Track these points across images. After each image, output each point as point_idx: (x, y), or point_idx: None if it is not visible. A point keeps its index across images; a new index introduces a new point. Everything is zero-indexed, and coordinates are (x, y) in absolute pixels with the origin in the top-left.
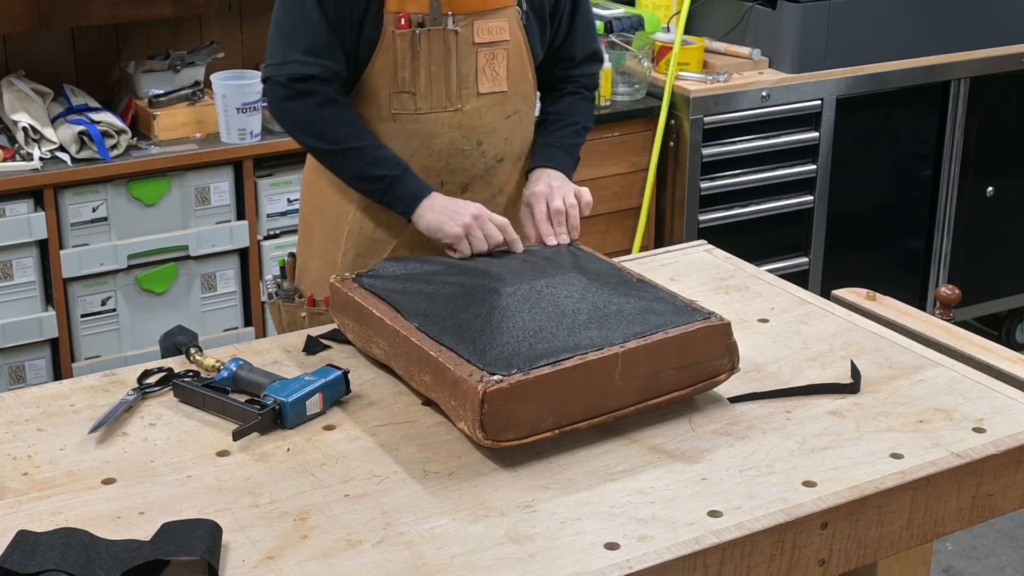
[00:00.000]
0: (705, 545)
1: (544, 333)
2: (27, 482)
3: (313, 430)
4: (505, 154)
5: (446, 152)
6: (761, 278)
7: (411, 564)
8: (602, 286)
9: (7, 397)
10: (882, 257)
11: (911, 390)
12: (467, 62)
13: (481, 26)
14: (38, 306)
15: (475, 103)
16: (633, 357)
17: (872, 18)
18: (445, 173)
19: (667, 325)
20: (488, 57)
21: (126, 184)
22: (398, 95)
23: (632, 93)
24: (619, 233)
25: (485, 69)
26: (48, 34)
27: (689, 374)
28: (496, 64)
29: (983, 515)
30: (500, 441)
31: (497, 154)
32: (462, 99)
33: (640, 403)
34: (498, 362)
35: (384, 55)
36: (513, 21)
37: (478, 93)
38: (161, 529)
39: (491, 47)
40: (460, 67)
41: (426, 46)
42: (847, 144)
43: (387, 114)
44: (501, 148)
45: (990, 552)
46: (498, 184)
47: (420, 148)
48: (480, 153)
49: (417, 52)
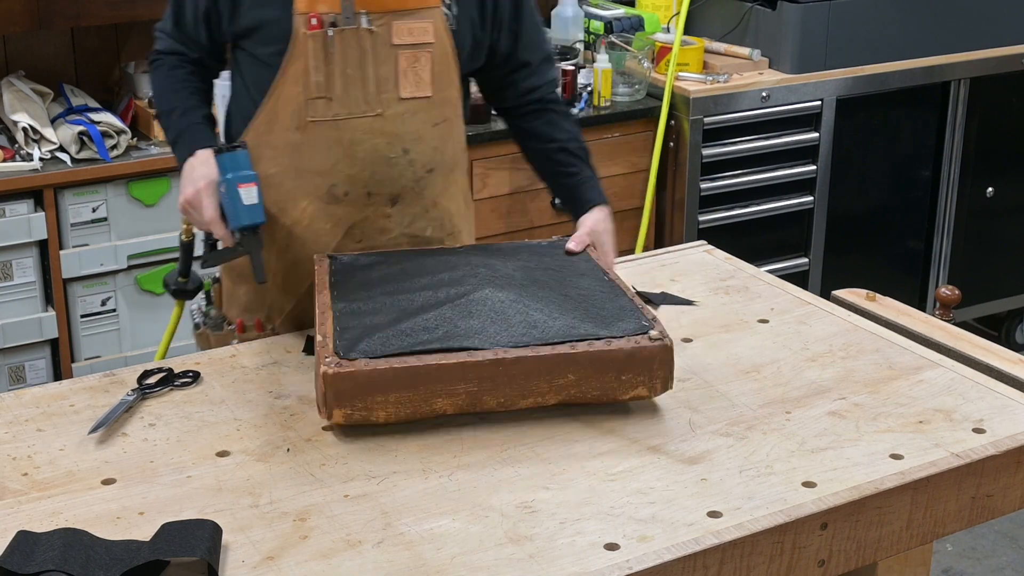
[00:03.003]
0: (705, 546)
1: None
2: (27, 482)
3: (313, 430)
4: (435, 164)
5: (370, 161)
6: (761, 279)
7: (411, 564)
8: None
9: (7, 397)
10: (882, 258)
11: (911, 391)
12: (385, 64)
13: (400, 27)
14: (38, 306)
15: (397, 108)
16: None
17: (872, 18)
18: (372, 184)
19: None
20: (410, 60)
21: (126, 184)
22: (313, 101)
23: (632, 94)
24: (620, 234)
25: (407, 72)
26: (48, 34)
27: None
28: (419, 68)
29: (983, 516)
30: None
31: (426, 164)
32: (382, 103)
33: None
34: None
35: (296, 59)
36: (439, 24)
37: (399, 97)
38: (161, 529)
39: (413, 49)
40: (378, 69)
41: (340, 47)
42: (847, 144)
43: (303, 123)
44: (430, 157)
45: (990, 553)
46: (431, 197)
47: (342, 158)
48: (408, 162)
49: (331, 54)
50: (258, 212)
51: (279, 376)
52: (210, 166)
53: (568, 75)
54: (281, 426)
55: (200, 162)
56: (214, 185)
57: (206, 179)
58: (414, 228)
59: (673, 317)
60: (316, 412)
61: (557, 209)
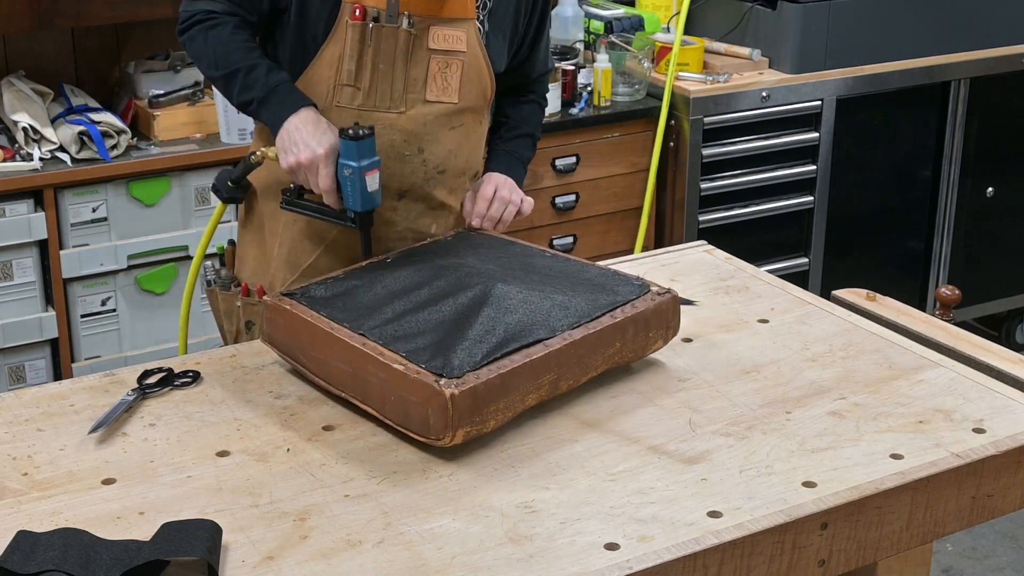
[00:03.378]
0: (705, 546)
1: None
2: (27, 482)
3: (313, 430)
4: (448, 166)
5: (384, 155)
6: (761, 278)
7: (411, 564)
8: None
9: (7, 397)
10: (882, 258)
11: (911, 390)
12: (418, 66)
13: (437, 32)
14: (38, 306)
15: (420, 109)
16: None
17: (872, 18)
18: (382, 177)
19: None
20: (441, 65)
21: (126, 184)
22: (341, 87)
23: (632, 93)
24: (620, 234)
25: (436, 77)
26: (48, 34)
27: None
28: (449, 74)
29: (983, 516)
30: None
31: (439, 164)
32: (407, 103)
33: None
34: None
35: (334, 44)
36: (472, 35)
37: (424, 100)
38: (161, 529)
39: (445, 56)
40: (410, 70)
41: (376, 42)
42: (847, 144)
43: (329, 105)
44: (443, 159)
45: (990, 553)
46: (438, 197)
47: None
48: (421, 161)
49: (367, 47)
50: (378, 197)
51: (279, 376)
52: (324, 132)
53: (568, 75)
54: (281, 426)
55: (311, 125)
56: (334, 154)
57: (325, 147)
58: (419, 224)
59: None
60: (316, 412)
61: (557, 209)
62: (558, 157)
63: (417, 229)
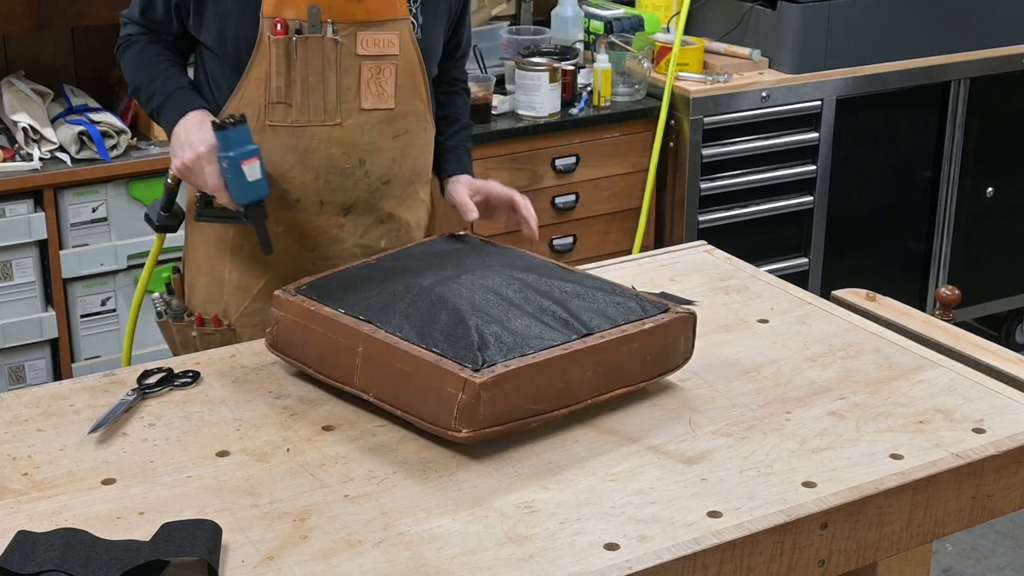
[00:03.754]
0: (705, 546)
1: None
2: (27, 482)
3: (313, 430)
4: (392, 176)
5: (325, 170)
6: (761, 279)
7: (411, 564)
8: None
9: (7, 397)
10: (882, 258)
11: (911, 390)
12: (349, 75)
13: (365, 37)
14: (38, 306)
15: (357, 119)
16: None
17: (872, 18)
18: (324, 192)
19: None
20: (373, 71)
21: (126, 184)
22: (272, 106)
23: (632, 94)
24: (619, 234)
25: (370, 84)
26: (48, 34)
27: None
28: (383, 79)
29: (983, 516)
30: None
31: (383, 175)
32: (342, 114)
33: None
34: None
35: (259, 62)
36: (405, 35)
37: (360, 108)
38: (161, 529)
39: (377, 60)
40: (341, 80)
41: (303, 55)
42: (847, 144)
43: (262, 126)
44: (387, 169)
45: (990, 553)
46: (386, 208)
47: (296, 164)
48: (363, 173)
49: (293, 61)
50: (262, 186)
51: (279, 376)
52: (206, 130)
53: (568, 75)
54: (281, 426)
55: (194, 125)
56: (214, 152)
57: (206, 144)
58: (368, 239)
59: None
60: (315, 412)
61: (557, 209)
62: (558, 157)
63: (367, 244)
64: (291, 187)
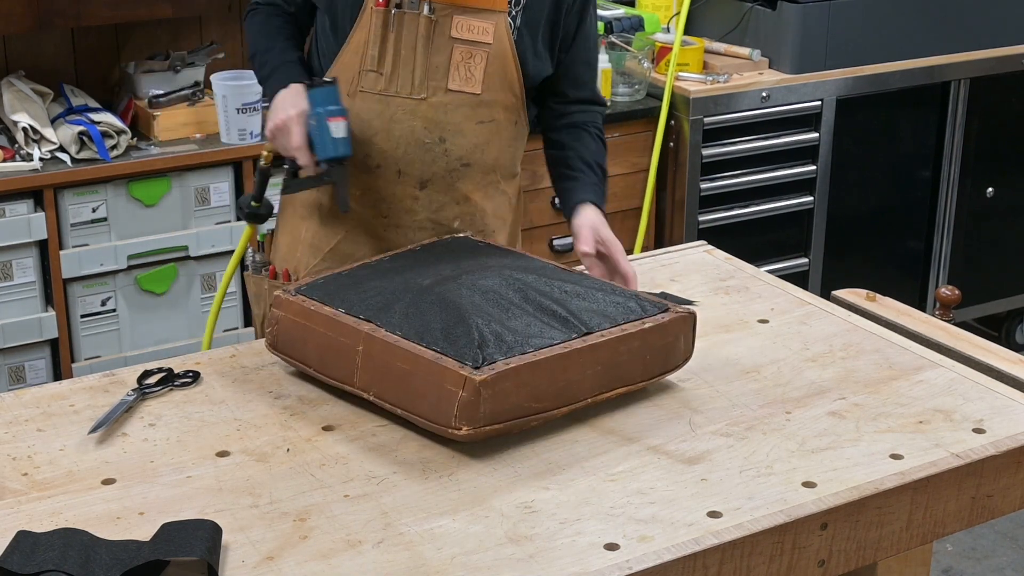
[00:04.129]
0: (705, 546)
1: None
2: (27, 482)
3: (313, 430)
4: (473, 160)
5: (405, 141)
6: (761, 279)
7: (411, 564)
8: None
9: (7, 397)
10: (882, 258)
11: (911, 391)
12: (440, 54)
13: (461, 21)
14: (38, 306)
15: (442, 97)
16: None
17: (872, 18)
18: (404, 163)
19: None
20: (464, 55)
21: (126, 184)
22: (366, 73)
23: (632, 94)
24: (620, 234)
25: (459, 66)
26: (48, 34)
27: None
28: (472, 64)
29: (983, 516)
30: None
31: (462, 157)
32: (428, 90)
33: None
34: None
35: (360, 30)
36: (501, 28)
37: (447, 88)
38: (161, 529)
39: (469, 45)
40: (432, 57)
41: (398, 28)
42: (847, 145)
43: (354, 90)
44: (468, 152)
45: (990, 553)
46: (463, 191)
47: (380, 131)
48: (443, 151)
49: (388, 33)
50: (346, 145)
51: (279, 376)
52: (302, 98)
53: None
54: (281, 426)
55: (292, 93)
56: (305, 115)
57: (297, 108)
58: (441, 216)
59: None
60: (316, 412)
61: (557, 209)
62: None
63: (439, 221)
64: (372, 152)
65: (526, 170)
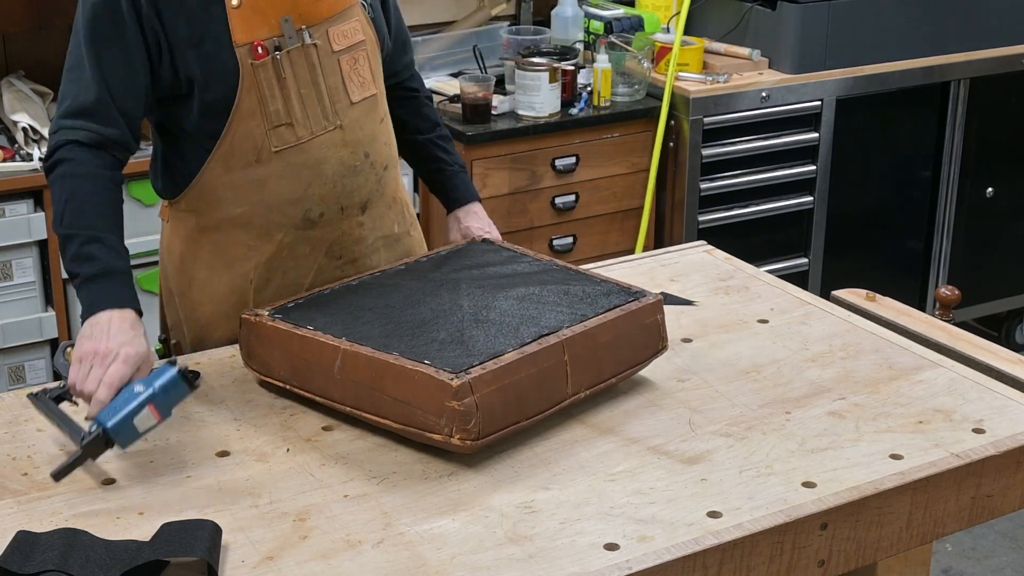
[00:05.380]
0: (705, 546)
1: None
2: (27, 482)
3: (313, 430)
4: (388, 159)
5: (339, 175)
6: (761, 279)
7: (411, 564)
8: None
9: (7, 397)
10: (882, 258)
11: (911, 391)
12: (333, 74)
13: (335, 32)
14: (38, 306)
15: (352, 114)
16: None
17: (872, 18)
18: (343, 197)
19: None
20: (351, 63)
21: (126, 184)
22: (275, 130)
23: (632, 94)
24: (620, 234)
25: (351, 75)
26: (48, 34)
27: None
28: (360, 68)
29: (983, 516)
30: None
31: (383, 162)
32: (339, 114)
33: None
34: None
35: (248, 93)
36: (362, 18)
37: (351, 103)
38: (161, 530)
39: (350, 51)
40: (327, 81)
41: (290, 69)
42: (847, 145)
43: (268, 155)
44: (386, 154)
45: (990, 553)
46: (390, 193)
47: (313, 179)
48: (369, 165)
49: (283, 78)
50: (131, 439)
51: None
52: (140, 338)
53: (568, 75)
54: (281, 426)
55: (130, 326)
56: (136, 363)
57: (135, 349)
58: (383, 228)
59: (673, 317)
60: (316, 412)
61: (557, 209)
62: (558, 157)
63: (384, 234)
64: (312, 204)
65: (525, 170)
